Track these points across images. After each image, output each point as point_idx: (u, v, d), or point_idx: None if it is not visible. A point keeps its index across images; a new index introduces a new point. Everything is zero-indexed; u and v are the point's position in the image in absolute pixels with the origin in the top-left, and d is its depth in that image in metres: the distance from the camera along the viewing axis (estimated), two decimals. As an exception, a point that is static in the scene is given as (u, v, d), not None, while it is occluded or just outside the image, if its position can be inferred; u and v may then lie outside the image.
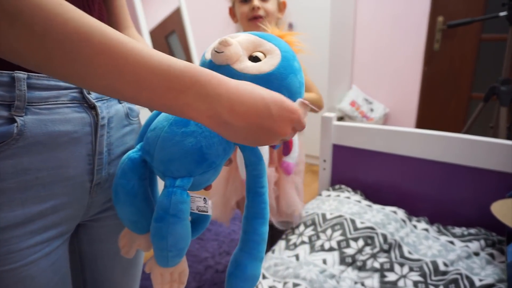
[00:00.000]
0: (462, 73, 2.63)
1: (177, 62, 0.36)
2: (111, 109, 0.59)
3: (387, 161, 1.39)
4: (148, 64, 0.34)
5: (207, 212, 0.51)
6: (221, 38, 0.45)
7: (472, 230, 1.19)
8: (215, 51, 0.45)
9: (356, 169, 1.48)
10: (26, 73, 0.47)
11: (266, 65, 0.45)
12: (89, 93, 0.55)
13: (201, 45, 2.52)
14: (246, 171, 0.51)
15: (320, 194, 1.45)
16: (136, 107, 0.68)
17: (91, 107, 0.55)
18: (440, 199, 1.30)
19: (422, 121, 2.82)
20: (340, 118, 2.91)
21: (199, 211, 0.50)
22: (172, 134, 0.45)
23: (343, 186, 1.47)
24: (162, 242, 0.44)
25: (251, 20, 1.10)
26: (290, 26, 2.68)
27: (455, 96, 2.69)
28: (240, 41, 0.47)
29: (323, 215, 1.27)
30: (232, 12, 1.18)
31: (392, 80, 2.90)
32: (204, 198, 0.52)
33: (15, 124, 0.46)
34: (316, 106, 1.11)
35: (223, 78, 0.38)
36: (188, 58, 2.51)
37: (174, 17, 2.41)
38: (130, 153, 0.50)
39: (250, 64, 0.45)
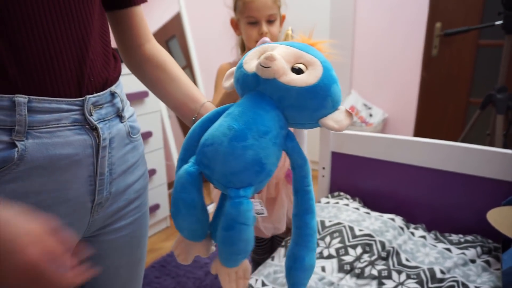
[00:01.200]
0: (460, 78, 2.65)
1: None
2: (112, 129, 0.60)
3: (386, 169, 1.40)
4: None
5: (264, 213, 0.57)
6: (266, 53, 0.48)
7: (469, 237, 1.21)
8: (262, 66, 0.47)
9: (355, 176, 1.49)
10: (26, 96, 0.48)
11: (311, 77, 0.48)
12: (90, 115, 0.55)
13: (201, 49, 2.55)
14: (294, 173, 0.54)
15: (319, 201, 1.47)
16: (137, 125, 0.69)
17: (93, 129, 0.56)
18: (438, 207, 1.32)
19: (421, 126, 2.84)
20: (339, 123, 2.93)
21: (257, 214, 0.54)
22: (232, 149, 0.47)
23: (342, 193, 1.49)
24: (233, 248, 0.48)
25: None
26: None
27: (453, 101, 2.71)
28: (281, 53, 0.50)
29: (322, 222, 1.29)
30: (235, 24, 1.20)
31: (391, 85, 2.92)
32: (260, 202, 0.57)
33: (16, 149, 0.47)
34: None
35: None
36: (188, 62, 2.54)
37: (174, 21, 2.43)
38: (187, 167, 0.52)
39: (296, 76, 0.48)
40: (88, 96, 0.55)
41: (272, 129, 0.49)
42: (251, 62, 0.52)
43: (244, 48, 1.27)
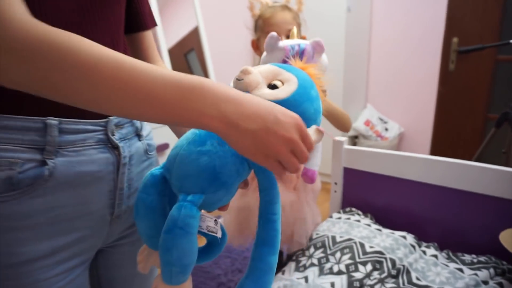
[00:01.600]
0: (477, 94, 2.62)
1: (186, 76, 0.40)
2: (132, 147, 0.64)
3: (398, 186, 1.40)
4: (159, 81, 0.39)
5: (216, 233, 0.52)
6: (243, 67, 0.49)
7: (482, 258, 1.19)
8: (236, 78, 0.49)
9: (367, 192, 1.50)
10: (58, 119, 0.52)
11: (282, 92, 0.49)
12: (113, 135, 0.60)
13: (218, 63, 2.60)
14: (260, 196, 0.52)
15: (331, 216, 1.48)
16: (153, 142, 0.73)
17: (114, 147, 0.60)
18: (451, 226, 1.31)
19: (438, 141, 2.81)
20: (355, 138, 2.93)
21: (208, 230, 0.51)
22: (189, 152, 0.48)
23: (353, 209, 1.49)
24: (167, 255, 0.45)
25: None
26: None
27: (471, 117, 2.68)
28: (261, 70, 0.51)
29: (333, 238, 1.29)
30: (255, 45, 1.24)
31: (407, 99, 2.91)
32: (215, 220, 0.53)
33: (47, 166, 0.51)
34: (343, 123, 1.14)
35: (230, 87, 0.41)
36: (206, 75, 2.60)
37: (192, 35, 2.50)
38: (152, 170, 0.53)
39: (268, 91, 0.49)
40: (110, 118, 0.59)
41: None
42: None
43: None
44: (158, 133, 1.04)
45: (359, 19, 2.79)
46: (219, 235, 0.53)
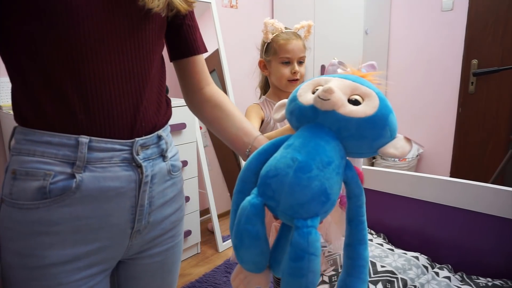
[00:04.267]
0: (499, 116, 2.58)
1: None
2: (155, 167, 0.67)
3: (412, 206, 1.40)
4: None
5: (326, 246, 0.57)
6: (325, 86, 0.50)
7: (498, 282, 1.17)
8: (321, 98, 0.49)
9: (380, 212, 1.50)
10: (88, 137, 0.58)
11: (369, 108, 0.50)
12: (138, 154, 0.64)
13: (235, 83, 2.69)
14: (350, 203, 0.54)
15: (343, 235, 1.48)
16: (178, 163, 0.76)
17: (138, 166, 0.64)
18: (465, 247, 1.29)
19: (458, 164, 2.77)
20: (372, 158, 2.92)
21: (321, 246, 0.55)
22: (299, 180, 0.48)
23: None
24: (301, 280, 0.47)
25: (290, 81, 1.23)
26: (323, 68, 2.80)
27: (492, 139, 2.63)
28: (337, 86, 0.51)
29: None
30: (263, 65, 1.30)
31: (426, 120, 2.90)
32: (321, 234, 0.56)
33: (75, 179, 0.57)
34: None
35: None
36: (225, 92, 2.69)
37: (214, 57, 2.60)
38: (250, 199, 0.51)
39: (354, 108, 0.50)
40: (137, 139, 0.64)
41: (334, 159, 0.50)
42: (306, 95, 0.54)
43: (265, 89, 1.37)
44: (176, 113, 1.08)
45: (376, 42, 2.83)
46: (327, 246, 0.57)
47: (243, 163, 0.65)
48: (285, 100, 0.60)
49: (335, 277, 1.23)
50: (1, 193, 0.59)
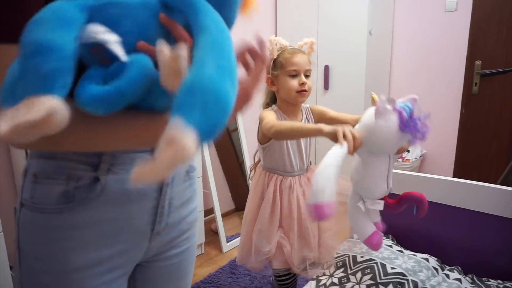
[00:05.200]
0: (502, 116, 2.58)
1: None
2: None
3: (420, 207, 1.40)
4: None
5: None
6: None
7: (509, 284, 1.17)
8: None
9: (388, 213, 1.49)
10: None
11: None
12: None
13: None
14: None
15: (352, 237, 1.48)
16: (195, 163, 0.75)
17: None
18: (475, 249, 1.29)
19: (461, 164, 2.77)
20: (375, 158, 2.92)
21: None
22: None
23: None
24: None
25: (299, 92, 1.29)
26: (327, 68, 2.79)
27: (495, 140, 2.63)
28: None
29: (354, 258, 1.30)
30: (271, 81, 1.34)
31: (429, 121, 2.89)
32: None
33: (99, 182, 0.56)
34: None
35: None
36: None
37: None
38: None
39: None
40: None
41: None
42: None
43: (269, 104, 1.41)
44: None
45: (380, 42, 2.83)
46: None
47: (245, 162, 0.62)
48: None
49: (345, 278, 1.22)
50: (20, 197, 0.58)
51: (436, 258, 1.30)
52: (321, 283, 1.23)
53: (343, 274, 1.24)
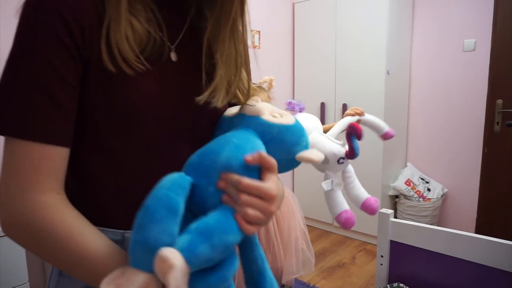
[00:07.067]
0: (527, 156, 2.53)
1: None
2: None
3: (446, 263, 1.36)
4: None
5: None
6: (253, 97, 0.63)
7: None
8: (249, 105, 0.61)
9: (414, 267, 1.46)
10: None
11: (288, 120, 0.60)
12: None
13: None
14: None
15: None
16: None
17: None
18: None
19: (485, 204, 2.70)
20: (396, 197, 2.88)
21: None
22: (235, 154, 0.52)
23: (401, 285, 1.45)
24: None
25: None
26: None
27: (521, 179, 2.57)
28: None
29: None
30: None
31: (450, 159, 2.86)
32: None
33: None
34: None
35: None
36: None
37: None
38: (177, 175, 0.49)
39: (275, 118, 0.59)
40: None
41: (263, 149, 0.55)
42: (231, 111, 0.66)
43: None
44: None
45: (398, 81, 2.84)
46: None
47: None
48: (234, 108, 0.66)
49: None
50: (47, 286, 0.60)
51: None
52: None
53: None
